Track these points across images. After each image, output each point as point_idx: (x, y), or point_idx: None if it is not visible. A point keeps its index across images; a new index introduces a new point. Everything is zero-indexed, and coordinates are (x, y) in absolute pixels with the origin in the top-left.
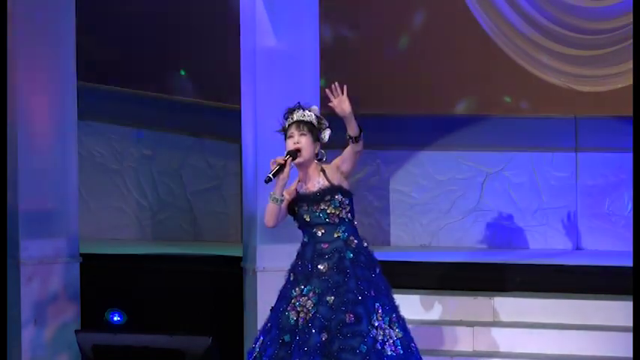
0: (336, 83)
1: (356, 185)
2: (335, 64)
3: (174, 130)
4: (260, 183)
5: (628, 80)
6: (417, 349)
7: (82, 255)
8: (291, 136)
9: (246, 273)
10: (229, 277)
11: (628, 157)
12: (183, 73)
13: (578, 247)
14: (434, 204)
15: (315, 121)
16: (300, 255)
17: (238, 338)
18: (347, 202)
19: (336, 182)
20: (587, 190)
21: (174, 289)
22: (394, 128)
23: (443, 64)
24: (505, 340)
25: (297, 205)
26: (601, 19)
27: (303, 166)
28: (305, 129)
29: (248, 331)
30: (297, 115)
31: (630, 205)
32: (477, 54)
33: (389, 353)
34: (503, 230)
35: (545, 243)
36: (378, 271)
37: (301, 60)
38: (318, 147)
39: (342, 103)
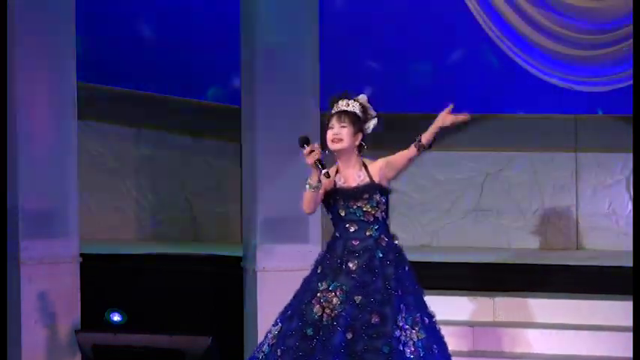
0: (466, 114)
1: None
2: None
3: (174, 130)
4: (260, 183)
5: (627, 81)
6: (440, 350)
7: (82, 255)
8: (331, 128)
9: (246, 273)
10: (229, 277)
11: (627, 157)
12: None
13: (578, 247)
14: (434, 204)
15: (359, 111)
16: (330, 248)
17: (238, 338)
18: (384, 200)
19: (376, 179)
20: (587, 189)
21: (174, 289)
22: (395, 128)
23: (443, 64)
24: (505, 340)
25: (333, 198)
26: (600, 19)
27: (344, 158)
28: (346, 120)
29: (248, 331)
30: (340, 105)
31: (630, 205)
32: (476, 54)
33: (407, 355)
34: (503, 230)
35: (546, 243)
36: (406, 268)
37: (301, 59)
38: (359, 138)
39: (451, 120)
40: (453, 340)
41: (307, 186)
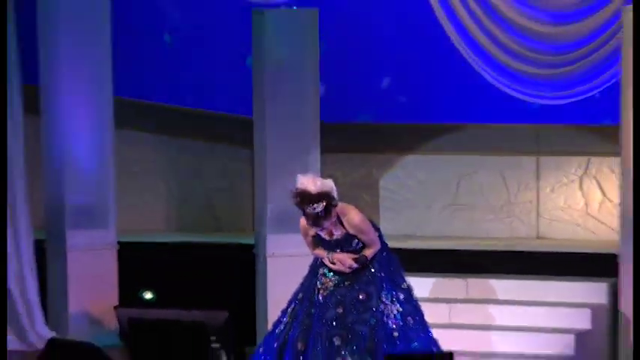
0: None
1: (351, 184)
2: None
3: (195, 137)
4: (269, 182)
5: (584, 94)
6: (416, 320)
7: (119, 243)
8: (312, 227)
9: (258, 258)
10: (243, 261)
11: (581, 160)
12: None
13: (539, 237)
14: (417, 200)
15: (326, 204)
16: None
17: (251, 313)
18: (358, 242)
19: (351, 231)
20: (546, 188)
21: (197, 272)
22: (384, 136)
23: (424, 79)
24: (475, 314)
25: (319, 243)
26: (562, 42)
27: None
28: (322, 222)
29: (259, 307)
30: (309, 211)
31: (583, 201)
32: (453, 70)
33: (390, 325)
34: (475, 222)
35: (511, 232)
36: (384, 254)
37: (304, 73)
38: (334, 208)
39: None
40: (431, 315)
41: (327, 256)
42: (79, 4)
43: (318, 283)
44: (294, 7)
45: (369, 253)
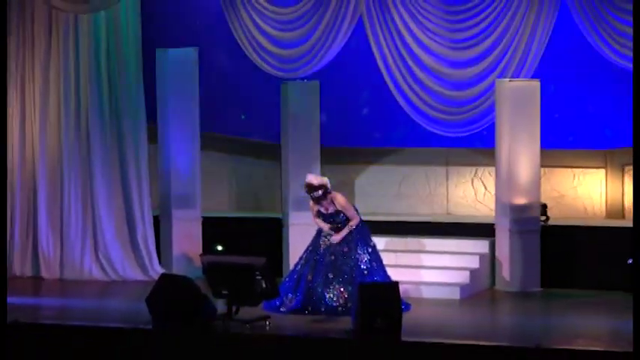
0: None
1: (340, 185)
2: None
3: (247, 155)
4: (290, 180)
5: (475, 129)
6: (378, 264)
7: (202, 217)
8: (316, 205)
9: (284, 226)
10: (275, 228)
11: (473, 169)
12: (243, 117)
13: (448, 213)
14: (377, 193)
15: (323, 191)
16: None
17: (279, 260)
18: (344, 216)
19: (339, 208)
20: (452, 184)
21: (248, 234)
22: (358, 155)
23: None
24: (412, 259)
25: (319, 217)
26: (463, 101)
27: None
28: (323, 202)
29: (284, 257)
30: (314, 196)
31: (473, 192)
32: (391, 113)
33: (362, 266)
34: (411, 205)
35: (432, 211)
36: (360, 225)
37: (310, 120)
38: (328, 193)
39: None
40: (386, 259)
41: (328, 228)
42: (179, 73)
43: (320, 241)
44: (305, 80)
45: (351, 223)
